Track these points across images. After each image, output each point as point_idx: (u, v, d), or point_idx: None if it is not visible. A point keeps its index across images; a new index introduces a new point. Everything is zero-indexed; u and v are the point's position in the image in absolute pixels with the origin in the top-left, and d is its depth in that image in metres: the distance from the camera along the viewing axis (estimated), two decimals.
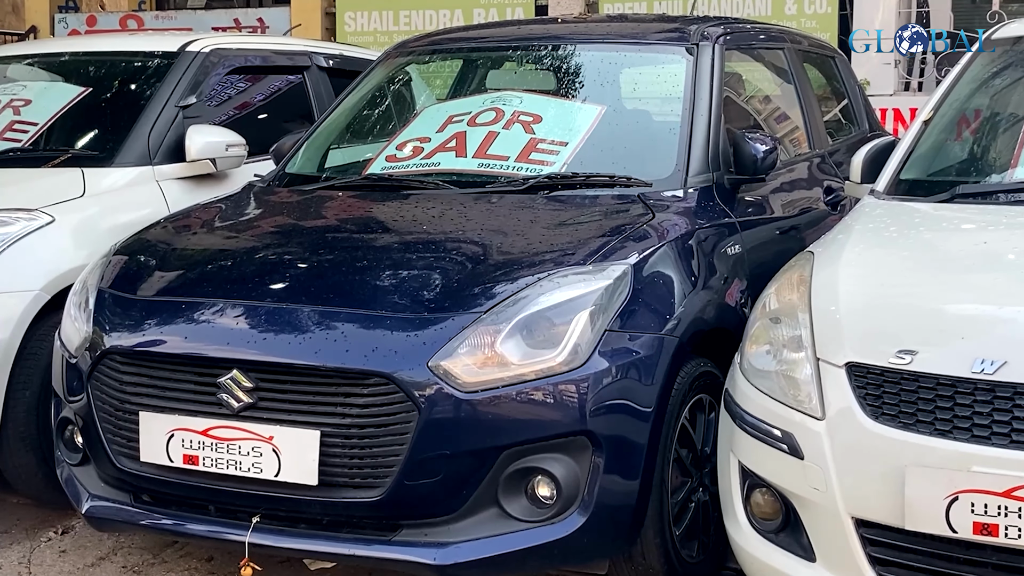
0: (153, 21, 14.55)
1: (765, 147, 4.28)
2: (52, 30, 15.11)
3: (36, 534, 4.57)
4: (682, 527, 3.71)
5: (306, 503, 3.42)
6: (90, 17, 15.06)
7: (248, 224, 4.37)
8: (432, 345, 3.33)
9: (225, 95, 5.84)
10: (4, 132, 5.35)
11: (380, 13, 13.10)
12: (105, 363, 3.67)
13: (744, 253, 4.13)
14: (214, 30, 13.65)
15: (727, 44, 4.73)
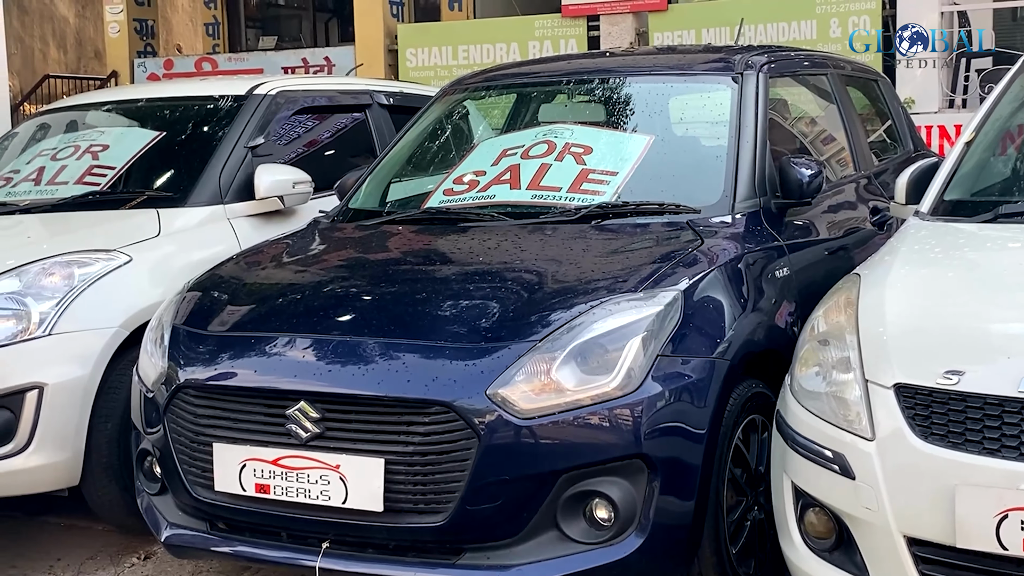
0: (226, 63, 14.74)
1: (810, 171, 4.22)
2: (131, 74, 15.36)
3: (120, 560, 4.59)
4: (738, 545, 3.65)
5: (373, 529, 3.41)
6: (167, 61, 15.28)
7: (312, 260, 4.38)
8: (490, 374, 3.31)
9: (291, 134, 5.87)
10: (84, 176, 5.40)
11: (440, 48, 13.18)
12: (180, 397, 3.68)
13: (792, 275, 4.07)
14: (284, 70, 13.83)
15: (771, 72, 4.69)
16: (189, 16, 19.74)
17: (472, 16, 14.72)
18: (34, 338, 4.34)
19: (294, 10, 19.42)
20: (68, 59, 21.11)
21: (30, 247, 4.71)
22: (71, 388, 4.36)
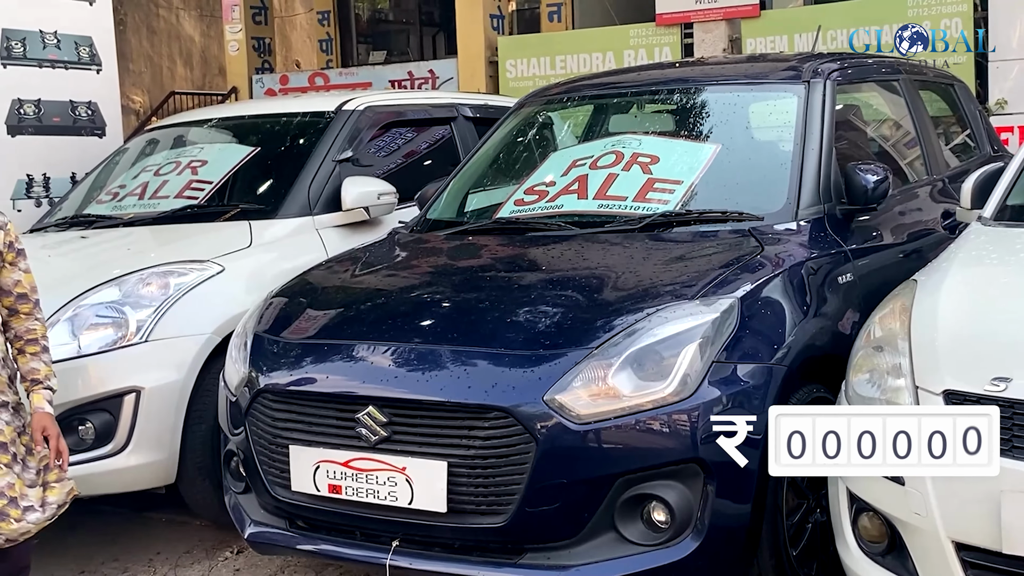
0: (338, 77, 14.91)
1: (876, 177, 4.12)
2: (250, 90, 15.64)
3: (215, 554, 4.69)
4: (799, 548, 3.58)
5: (437, 529, 3.43)
6: (283, 76, 15.53)
7: (385, 270, 4.41)
8: (547, 380, 3.30)
9: (378, 148, 5.93)
10: (183, 191, 5.52)
11: (538, 59, 13.16)
12: (260, 401, 3.75)
13: (856, 281, 3.98)
14: (391, 83, 13.97)
15: (840, 79, 4.58)
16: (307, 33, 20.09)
17: (571, 27, 14.68)
18: (132, 344, 4.44)
19: (403, 25, 19.60)
20: (194, 76, 21.62)
21: (130, 258, 4.83)
22: (166, 392, 4.46)
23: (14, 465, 3.38)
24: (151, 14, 21.08)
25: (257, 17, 15.97)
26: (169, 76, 21.16)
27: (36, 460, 3.47)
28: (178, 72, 21.43)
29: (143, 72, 20.93)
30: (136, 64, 20.78)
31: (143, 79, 20.92)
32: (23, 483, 3.39)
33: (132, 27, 20.59)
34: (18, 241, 3.52)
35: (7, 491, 3.34)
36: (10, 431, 3.39)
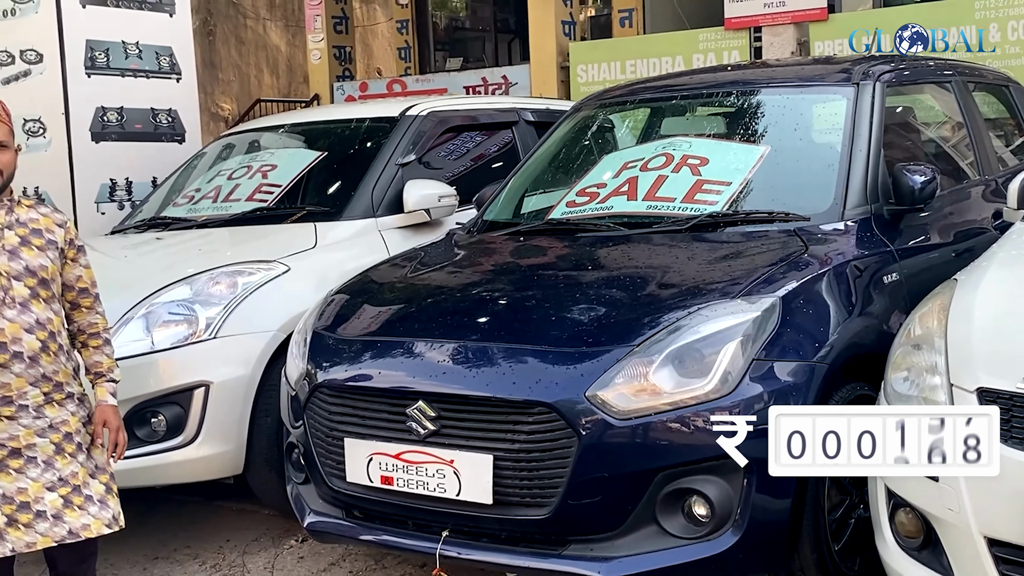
0: (415, 83, 15.03)
1: (923, 178, 4.07)
2: (331, 96, 15.83)
3: (280, 542, 4.77)
4: (841, 543, 3.55)
5: (484, 520, 3.46)
6: (362, 84, 15.70)
7: (438, 270, 4.45)
8: (589, 376, 3.31)
9: (441, 151, 5.98)
10: (254, 194, 5.62)
11: (608, 64, 13.16)
12: (317, 395, 3.81)
13: (903, 280, 3.93)
14: (465, 88, 14.05)
15: (890, 81, 4.53)
16: (388, 41, 20.31)
17: (642, 32, 14.66)
18: (201, 341, 4.54)
19: (478, 32, 19.71)
20: (280, 84, 21.95)
21: (201, 258, 4.93)
22: (234, 386, 4.55)
23: (78, 454, 3.47)
24: (240, 25, 21.46)
25: (338, 27, 16.17)
26: (256, 84, 21.51)
27: (98, 451, 3.56)
28: (264, 80, 21.78)
29: (232, 81, 21.30)
30: (225, 73, 21.16)
31: (232, 87, 21.30)
32: (86, 472, 3.49)
33: (221, 38, 20.98)
34: (78, 238, 3.60)
35: (71, 479, 3.43)
36: (75, 421, 3.48)
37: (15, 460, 3.37)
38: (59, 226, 3.52)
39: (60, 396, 3.45)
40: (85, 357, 3.61)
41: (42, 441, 3.40)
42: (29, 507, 3.37)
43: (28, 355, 3.37)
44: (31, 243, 3.42)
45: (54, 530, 3.40)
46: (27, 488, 3.37)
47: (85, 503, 3.45)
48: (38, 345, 3.38)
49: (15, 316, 3.35)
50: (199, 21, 18.69)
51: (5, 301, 3.35)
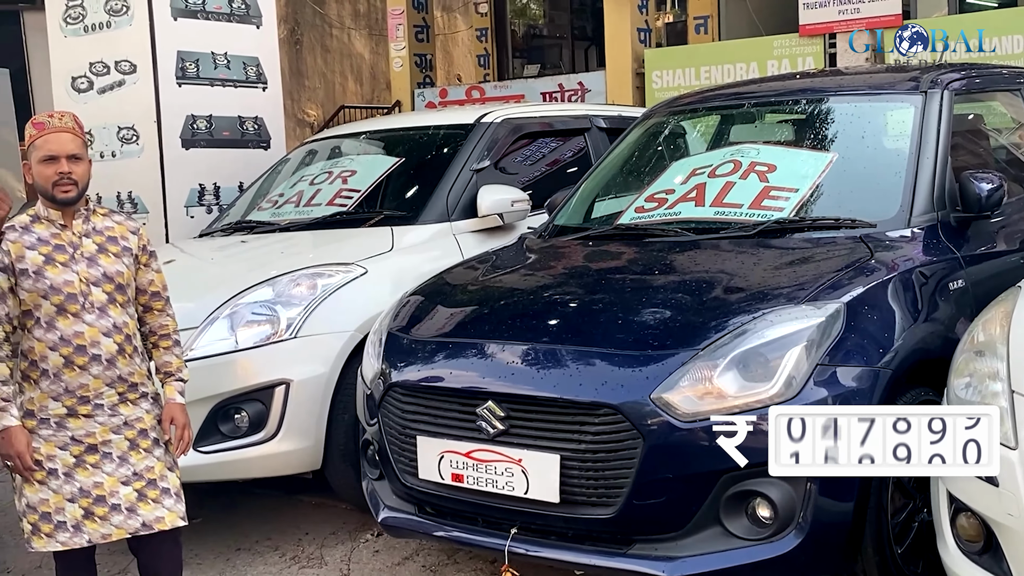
0: (493, 90, 15.05)
1: (990, 185, 4.00)
2: (412, 103, 15.94)
3: (357, 536, 4.83)
4: (904, 546, 3.51)
5: (551, 518, 3.48)
6: (442, 90, 15.77)
7: (509, 273, 4.47)
8: (655, 379, 3.31)
9: (514, 157, 6.00)
10: (334, 199, 5.69)
11: (683, 70, 13.07)
12: (391, 394, 3.86)
13: (969, 287, 3.86)
14: (542, 95, 14.06)
15: (959, 89, 4.46)
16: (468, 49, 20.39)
17: (717, 38, 14.54)
18: (282, 340, 4.61)
19: (556, 40, 19.72)
20: (363, 91, 22.15)
21: (283, 261, 5.01)
22: (313, 384, 4.61)
23: (154, 449, 3.56)
24: (325, 34, 21.70)
25: (420, 35, 16.28)
26: (341, 91, 21.73)
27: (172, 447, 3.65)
28: (349, 87, 21.99)
29: (317, 88, 21.55)
30: (311, 80, 21.42)
31: (317, 94, 21.55)
32: (163, 466, 3.58)
33: (308, 47, 21.23)
34: (150, 244, 3.70)
35: (146, 474, 3.53)
36: (150, 418, 3.58)
37: (92, 456, 3.48)
38: (133, 233, 3.63)
39: (134, 396, 3.54)
40: (156, 357, 3.70)
41: (117, 438, 3.50)
42: (105, 500, 3.48)
43: (106, 358, 3.47)
44: (108, 250, 3.53)
45: (128, 522, 3.50)
46: (103, 482, 3.48)
47: (160, 496, 3.54)
48: (115, 348, 3.48)
49: (94, 320, 3.46)
50: (287, 31, 18.98)
51: (84, 306, 3.45)
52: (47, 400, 3.46)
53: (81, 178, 3.49)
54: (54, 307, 3.44)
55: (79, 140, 3.51)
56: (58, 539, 3.48)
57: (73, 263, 3.46)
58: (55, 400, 3.46)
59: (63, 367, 3.45)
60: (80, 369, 3.45)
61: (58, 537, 3.47)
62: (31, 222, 3.51)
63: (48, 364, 3.45)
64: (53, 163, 3.44)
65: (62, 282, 3.44)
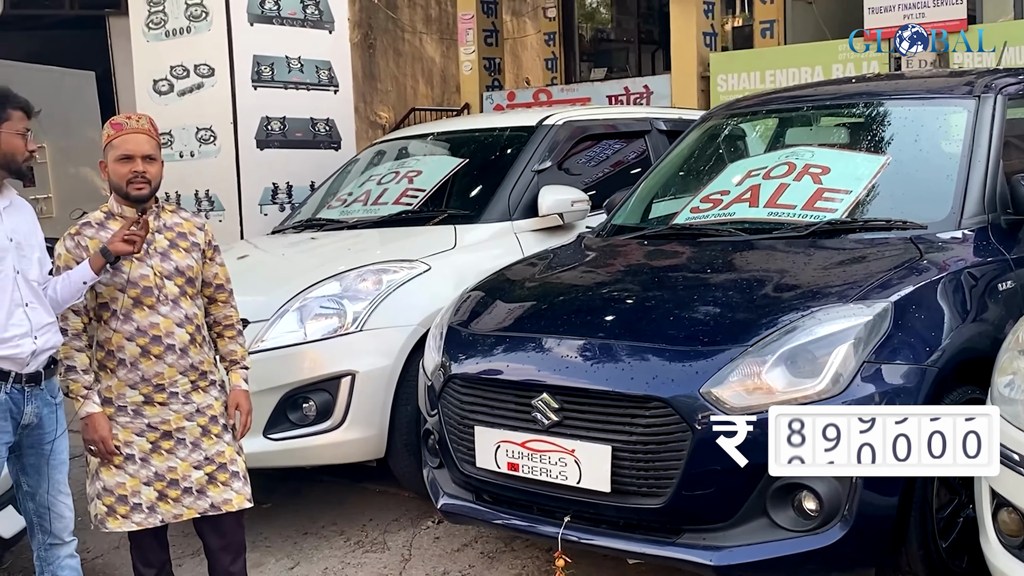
0: (559, 93, 15.09)
1: None
2: (480, 105, 16.05)
3: (418, 523, 4.93)
4: (949, 540, 3.52)
5: (603, 507, 3.54)
6: (510, 93, 15.85)
7: (566, 271, 4.54)
8: (704, 374, 3.36)
9: (575, 159, 6.05)
10: (400, 198, 5.80)
11: (748, 74, 13.02)
12: (451, 386, 3.95)
13: (1018, 289, 3.85)
14: (608, 98, 14.09)
15: (1014, 94, 4.44)
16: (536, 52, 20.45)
17: (783, 43, 14.45)
18: (349, 333, 4.73)
19: (623, 43, 19.72)
20: (434, 93, 22.30)
21: (350, 257, 5.13)
22: (377, 376, 4.72)
23: (224, 435, 3.70)
24: (398, 38, 21.88)
25: (489, 39, 16.39)
26: (412, 94, 21.90)
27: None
28: (420, 90, 22.16)
29: (389, 91, 21.75)
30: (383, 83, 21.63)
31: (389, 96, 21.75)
32: (233, 450, 3.71)
33: (381, 50, 21.44)
34: (214, 239, 3.84)
35: (216, 458, 3.66)
36: (219, 405, 3.71)
37: (167, 442, 3.62)
38: (199, 229, 3.78)
39: (205, 383, 3.68)
40: (221, 346, 3.83)
41: (190, 424, 3.64)
42: (178, 484, 3.62)
43: (179, 347, 3.61)
44: (178, 245, 3.67)
45: (198, 503, 3.64)
46: (176, 467, 3.62)
47: (230, 479, 3.68)
48: (187, 338, 3.62)
49: (168, 312, 3.60)
50: (360, 35, 19.18)
51: (159, 299, 3.60)
52: (124, 388, 3.61)
53: (154, 177, 3.63)
54: (131, 300, 3.58)
55: (154, 142, 3.66)
56: (133, 520, 3.62)
57: (148, 258, 3.60)
58: (132, 388, 3.60)
59: (140, 356, 3.59)
60: (156, 358, 3.59)
61: (133, 518, 3.62)
62: (106, 219, 3.66)
63: (125, 354, 3.59)
64: (129, 162, 3.59)
65: (138, 276, 3.58)
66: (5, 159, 3.42)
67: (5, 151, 3.40)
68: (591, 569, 4.17)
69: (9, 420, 3.42)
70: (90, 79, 14.04)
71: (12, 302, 3.39)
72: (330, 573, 4.57)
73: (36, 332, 3.42)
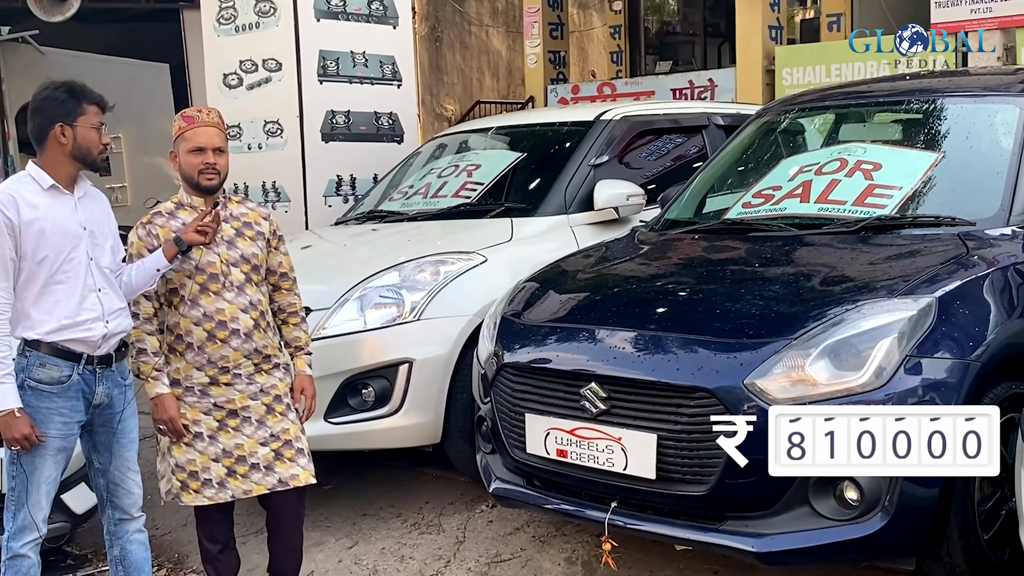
0: (624, 86, 15.11)
1: None
2: (545, 99, 16.12)
3: (473, 507, 5.06)
4: (991, 533, 3.55)
5: (648, 493, 3.63)
6: (574, 87, 15.90)
7: (617, 264, 4.62)
8: (748, 366, 3.43)
9: (633, 154, 6.12)
10: (459, 191, 5.93)
11: (813, 68, 12.96)
12: (502, 374, 4.07)
13: None
14: (672, 92, 14.08)
15: None
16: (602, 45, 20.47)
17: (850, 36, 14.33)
18: (406, 322, 4.87)
19: (688, 36, 19.65)
20: (500, 86, 22.41)
21: (409, 248, 5.26)
22: (434, 363, 4.85)
23: (289, 413, 3.86)
24: (464, 31, 22.02)
25: (554, 32, 16.46)
26: (478, 86, 22.03)
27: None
28: (486, 83, 22.28)
29: (455, 83, 21.90)
30: (450, 76, 21.79)
31: (455, 89, 21.90)
32: (298, 428, 3.87)
33: (447, 43, 21.59)
34: (279, 228, 4.00)
35: (282, 435, 3.83)
36: (283, 386, 3.88)
37: (233, 420, 3.80)
38: (264, 219, 3.95)
39: (268, 366, 3.85)
40: (285, 333, 4.00)
41: (255, 403, 3.82)
42: (245, 460, 3.79)
43: (244, 331, 3.78)
44: (244, 234, 3.84)
45: (266, 479, 3.81)
46: (243, 444, 3.79)
47: (296, 455, 3.84)
48: (251, 323, 3.79)
49: (233, 298, 3.78)
50: (428, 28, 19.37)
51: (225, 285, 3.77)
52: (192, 370, 3.79)
53: (223, 169, 3.81)
54: (198, 286, 3.76)
55: (223, 135, 3.83)
56: (205, 494, 3.81)
57: (215, 245, 3.77)
58: (199, 370, 3.78)
59: (206, 340, 3.76)
60: (221, 342, 3.76)
61: (205, 493, 3.80)
62: (176, 208, 3.84)
63: (193, 338, 3.77)
64: (200, 154, 3.76)
65: (206, 263, 3.76)
66: (80, 152, 3.60)
67: (80, 144, 3.59)
68: (640, 555, 4.28)
69: (81, 400, 3.60)
70: (164, 71, 14.35)
71: (85, 287, 3.57)
72: (387, 553, 4.72)
73: (108, 316, 3.60)
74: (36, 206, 3.53)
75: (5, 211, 3.47)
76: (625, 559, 4.26)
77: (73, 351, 3.57)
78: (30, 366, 3.54)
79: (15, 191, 3.53)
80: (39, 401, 3.55)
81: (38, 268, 3.51)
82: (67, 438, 3.62)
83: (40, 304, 3.54)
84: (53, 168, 3.59)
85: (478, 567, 4.50)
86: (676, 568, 4.19)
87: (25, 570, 3.63)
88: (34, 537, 3.62)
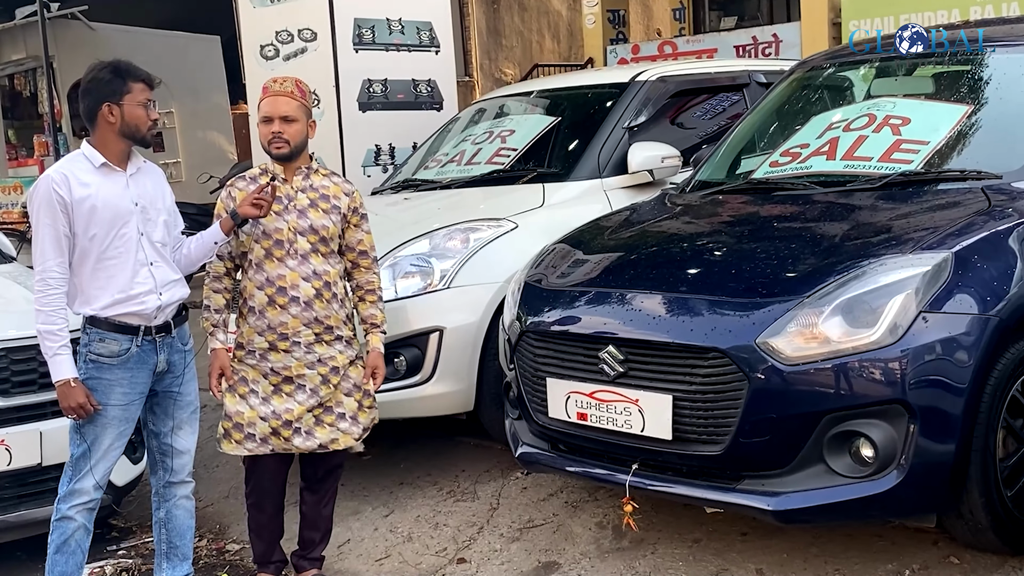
0: (685, 45, 15.07)
1: None
2: (604, 59, 16.15)
3: (508, 474, 5.24)
4: (1015, 489, 3.64)
5: (666, 454, 3.79)
6: (634, 47, 15.90)
7: (641, 226, 4.72)
8: (761, 325, 3.56)
9: (670, 115, 6.20)
10: (493, 157, 6.08)
11: (882, 19, 12.81)
12: (525, 339, 4.23)
13: None
14: (735, 48, 14.04)
15: None
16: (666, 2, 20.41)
17: None
18: (437, 290, 5.05)
19: None
20: (560, 48, 22.44)
21: (440, 216, 5.44)
22: (464, 331, 5.03)
23: (343, 384, 4.11)
24: None
25: None
26: (538, 49, 22.08)
27: (369, 386, 4.21)
28: (546, 45, 22.32)
29: (515, 47, 21.98)
30: (508, 40, 21.86)
31: (515, 53, 21.98)
32: (341, 392, 4.10)
33: (505, 5, 21.67)
34: (362, 207, 4.23)
35: (326, 402, 4.10)
36: (343, 359, 4.14)
37: (287, 385, 4.08)
38: (346, 195, 4.19)
39: (330, 337, 4.10)
40: (361, 310, 4.25)
41: (311, 372, 4.08)
42: (290, 424, 4.06)
43: (303, 300, 4.04)
44: (319, 206, 4.09)
45: (307, 443, 4.11)
46: (293, 409, 4.07)
47: (336, 420, 4.10)
48: (312, 292, 4.04)
49: (295, 266, 4.04)
50: None
51: (289, 252, 4.05)
52: (253, 335, 4.08)
53: (293, 137, 4.04)
54: (263, 250, 4.04)
55: (294, 103, 4.06)
56: (246, 446, 4.12)
57: (286, 213, 4.04)
58: (259, 335, 4.07)
59: (267, 305, 4.04)
60: (281, 308, 4.03)
61: (246, 444, 4.12)
62: (259, 174, 4.12)
63: (255, 302, 4.06)
64: (269, 124, 4.05)
65: (273, 229, 4.03)
66: (129, 129, 3.86)
67: (129, 122, 3.85)
68: (670, 517, 4.43)
69: (144, 370, 3.90)
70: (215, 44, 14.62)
71: (137, 262, 3.86)
72: (422, 520, 4.93)
73: (161, 289, 3.90)
74: (88, 184, 3.80)
75: (58, 189, 3.75)
76: (655, 522, 4.42)
77: (129, 324, 3.85)
78: (91, 341, 3.85)
79: (68, 170, 3.81)
80: (100, 373, 3.84)
81: (90, 244, 3.80)
82: (128, 407, 3.90)
83: (94, 279, 3.83)
84: (104, 147, 3.86)
85: (510, 532, 4.69)
86: (704, 531, 4.33)
87: (71, 532, 3.91)
88: (83, 501, 3.90)
